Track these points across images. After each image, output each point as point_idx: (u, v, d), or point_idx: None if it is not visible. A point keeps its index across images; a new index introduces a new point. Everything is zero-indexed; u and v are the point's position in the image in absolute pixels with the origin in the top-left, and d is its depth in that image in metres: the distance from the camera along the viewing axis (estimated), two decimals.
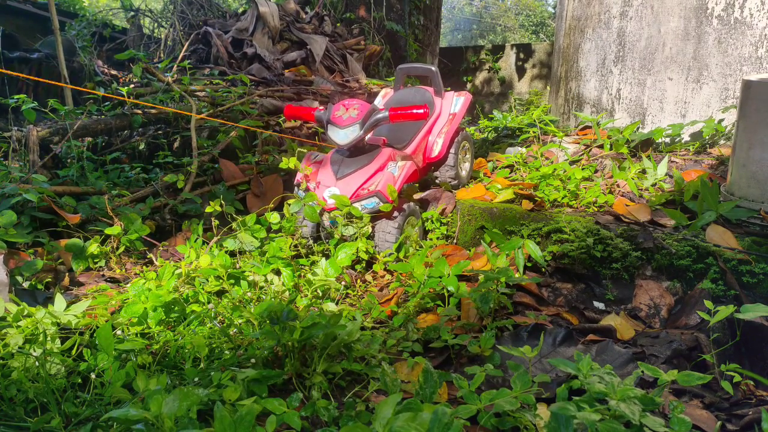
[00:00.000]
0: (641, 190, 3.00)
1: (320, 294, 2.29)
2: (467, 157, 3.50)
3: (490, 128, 4.99)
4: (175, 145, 4.03)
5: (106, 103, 4.07)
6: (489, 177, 3.48)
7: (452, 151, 3.24)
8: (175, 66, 4.66)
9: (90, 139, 3.89)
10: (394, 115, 2.61)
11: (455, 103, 3.31)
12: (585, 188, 3.01)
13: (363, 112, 2.62)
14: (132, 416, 1.25)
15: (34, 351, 1.62)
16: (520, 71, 9.21)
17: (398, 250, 2.66)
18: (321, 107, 2.78)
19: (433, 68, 3.35)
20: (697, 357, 1.80)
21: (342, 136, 2.62)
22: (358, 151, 2.70)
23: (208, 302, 2.11)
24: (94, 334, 1.69)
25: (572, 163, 3.52)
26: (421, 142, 3.11)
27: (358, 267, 2.62)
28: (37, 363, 1.55)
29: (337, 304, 2.23)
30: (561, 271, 2.43)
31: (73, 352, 1.70)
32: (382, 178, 2.64)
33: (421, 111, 2.56)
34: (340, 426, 1.40)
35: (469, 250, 2.67)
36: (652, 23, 3.75)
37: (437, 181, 3.31)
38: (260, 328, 1.81)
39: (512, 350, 1.56)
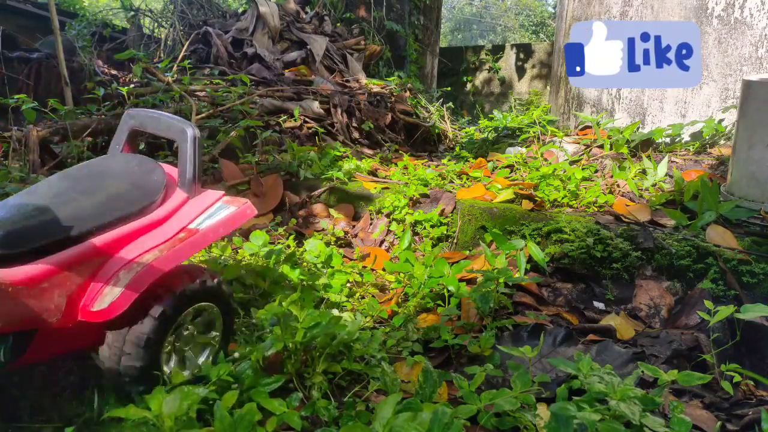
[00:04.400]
0: (641, 190, 3.00)
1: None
2: (208, 350, 1.65)
3: (490, 128, 5.00)
4: (175, 144, 4.02)
5: (106, 103, 4.06)
6: (489, 177, 3.48)
7: (145, 330, 1.45)
8: (175, 66, 4.66)
9: (90, 139, 3.88)
10: None
11: (215, 212, 1.65)
12: (585, 188, 3.01)
13: None
14: (132, 416, 1.25)
15: None
16: (520, 71, 9.20)
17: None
18: None
19: (189, 130, 1.72)
20: (697, 357, 1.80)
21: None
22: None
23: None
24: None
25: (572, 163, 3.52)
26: (84, 260, 1.40)
27: None
28: None
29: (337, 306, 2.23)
30: (561, 271, 2.42)
31: None
32: None
33: None
34: (340, 426, 1.39)
35: (469, 250, 2.67)
36: None
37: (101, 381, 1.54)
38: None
39: (512, 350, 1.56)
